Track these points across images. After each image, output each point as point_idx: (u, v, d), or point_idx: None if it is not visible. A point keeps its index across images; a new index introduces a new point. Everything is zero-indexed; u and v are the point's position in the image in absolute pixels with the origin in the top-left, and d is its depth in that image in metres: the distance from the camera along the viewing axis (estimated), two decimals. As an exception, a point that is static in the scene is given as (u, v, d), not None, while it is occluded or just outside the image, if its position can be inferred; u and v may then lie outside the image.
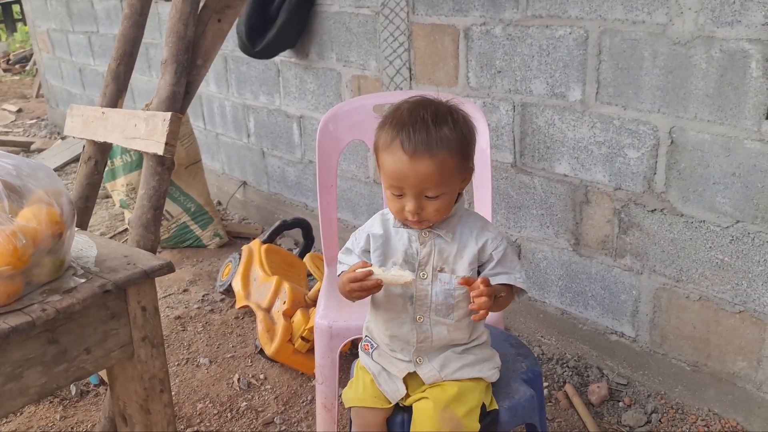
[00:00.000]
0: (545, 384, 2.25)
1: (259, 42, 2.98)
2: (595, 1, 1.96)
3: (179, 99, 1.79)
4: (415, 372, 1.31)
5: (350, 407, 1.34)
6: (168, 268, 1.11)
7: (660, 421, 2.04)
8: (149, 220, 1.74)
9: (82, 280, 1.03)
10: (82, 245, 1.17)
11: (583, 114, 2.09)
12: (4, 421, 2.17)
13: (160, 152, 1.66)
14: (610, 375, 2.25)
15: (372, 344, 1.36)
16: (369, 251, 1.31)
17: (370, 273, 1.21)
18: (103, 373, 1.56)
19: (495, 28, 2.24)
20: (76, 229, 1.28)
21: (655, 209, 2.00)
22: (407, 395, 1.32)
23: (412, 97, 1.28)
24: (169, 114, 1.67)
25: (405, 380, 1.32)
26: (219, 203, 4.08)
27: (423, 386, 1.31)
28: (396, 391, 1.31)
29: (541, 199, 2.29)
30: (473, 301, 1.18)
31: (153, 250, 1.76)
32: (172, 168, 1.79)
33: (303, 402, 2.22)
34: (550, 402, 2.18)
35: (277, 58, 3.21)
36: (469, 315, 1.25)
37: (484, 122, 1.92)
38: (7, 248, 0.90)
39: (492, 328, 1.59)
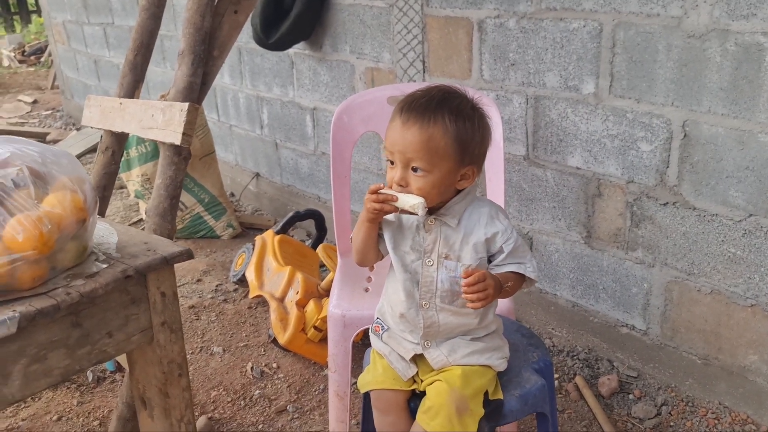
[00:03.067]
0: (555, 376, 2.27)
1: (274, 34, 3.00)
2: (610, -6, 1.96)
3: (196, 90, 1.82)
4: (423, 356, 1.33)
5: (369, 391, 1.36)
6: (187, 255, 1.13)
7: (670, 413, 2.05)
8: (166, 209, 1.77)
9: (105, 266, 1.05)
10: (103, 232, 1.19)
11: (596, 107, 2.09)
12: (22, 406, 2.22)
13: (178, 142, 1.68)
14: (620, 367, 2.26)
15: (383, 326, 1.38)
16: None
17: (392, 198, 1.22)
18: (121, 359, 1.59)
19: (509, 21, 2.24)
20: (97, 216, 1.31)
21: (667, 202, 2.00)
22: (419, 378, 1.34)
23: (445, 85, 1.29)
24: (186, 104, 1.69)
25: (415, 364, 1.34)
26: (232, 194, 4.11)
27: (433, 371, 1.33)
28: (407, 369, 1.33)
29: (553, 192, 2.30)
30: (463, 291, 1.19)
31: (169, 239, 1.79)
32: (189, 158, 1.81)
33: (315, 391, 2.25)
34: (560, 393, 2.19)
35: (290, 50, 3.23)
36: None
37: (498, 114, 1.92)
38: (33, 233, 0.93)
39: (504, 318, 1.60)
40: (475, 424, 1.26)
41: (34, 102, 7.23)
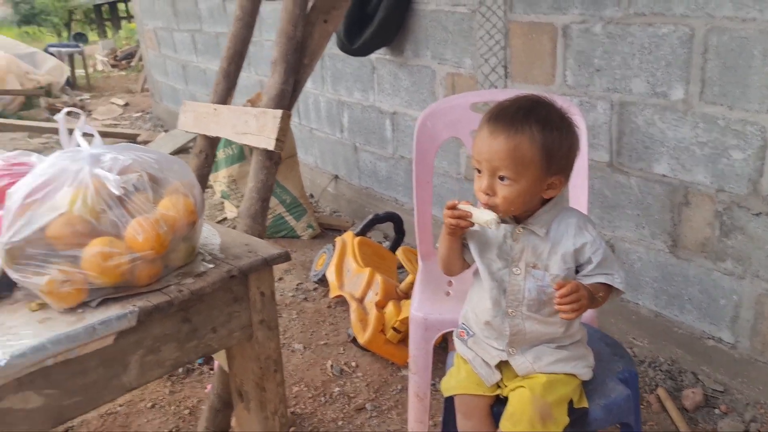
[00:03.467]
0: (637, 386, 2.23)
1: (357, 39, 3.07)
2: (702, -1, 1.92)
3: (287, 97, 1.89)
4: (508, 362, 1.34)
5: (452, 396, 1.39)
6: (285, 257, 1.19)
7: (759, 430, 1.98)
8: (257, 211, 1.85)
9: (211, 266, 1.13)
10: (207, 233, 1.27)
11: (685, 113, 2.05)
12: (119, 393, 2.36)
13: (271, 147, 1.76)
14: (705, 381, 2.20)
15: (468, 332, 1.41)
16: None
17: (466, 214, 1.25)
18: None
19: (595, 26, 2.22)
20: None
21: (760, 212, 1.94)
22: (503, 384, 1.35)
23: (533, 94, 1.31)
24: (280, 111, 1.77)
25: (499, 370, 1.36)
26: (311, 196, 4.22)
27: (517, 377, 1.35)
28: (491, 375, 1.35)
29: (637, 200, 2.26)
30: (557, 302, 1.20)
31: (261, 239, 1.87)
32: (279, 162, 1.89)
33: (393, 391, 2.30)
34: (641, 405, 2.15)
35: (372, 55, 3.29)
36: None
37: (583, 122, 1.91)
38: (152, 234, 1.01)
39: (587, 327, 1.60)
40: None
41: (126, 104, 7.61)
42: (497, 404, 1.36)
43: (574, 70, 2.34)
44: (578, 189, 1.94)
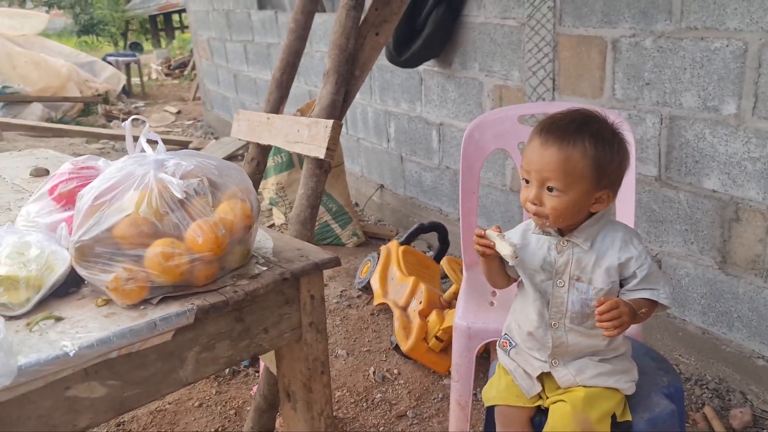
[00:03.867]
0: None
1: (406, 52, 3.12)
2: (757, 13, 1.90)
3: (338, 107, 1.94)
4: (550, 373, 1.35)
5: (493, 406, 1.40)
6: (335, 262, 1.23)
7: (810, 453, 1.93)
8: (306, 217, 1.90)
9: (264, 268, 1.17)
10: (260, 237, 1.32)
11: (737, 128, 2.02)
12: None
13: (322, 156, 1.81)
14: (754, 401, 2.15)
15: (511, 342, 1.42)
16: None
17: (491, 244, 1.29)
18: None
19: (645, 40, 2.22)
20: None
21: (814, 230, 1.90)
22: (544, 395, 1.36)
23: (586, 109, 1.33)
24: (331, 121, 1.82)
25: (541, 381, 1.37)
26: (356, 204, 4.28)
27: (559, 389, 1.35)
28: (531, 387, 1.36)
29: (686, 215, 2.24)
30: (597, 319, 1.20)
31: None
32: (329, 171, 1.94)
33: (434, 399, 2.31)
34: (687, 423, 2.12)
35: (420, 67, 3.33)
36: None
37: (631, 134, 1.90)
38: (210, 236, 1.06)
39: (632, 341, 1.60)
40: None
41: (178, 112, 7.82)
42: (538, 415, 1.37)
43: (623, 83, 2.33)
44: (625, 202, 1.93)
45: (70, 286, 1.12)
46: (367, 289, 2.91)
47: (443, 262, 2.64)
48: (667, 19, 2.13)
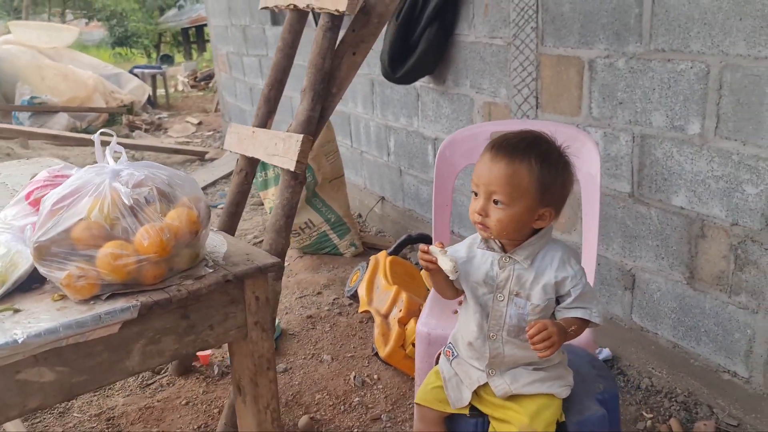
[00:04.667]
0: (649, 415, 2.25)
1: (400, 69, 3.23)
2: (718, 37, 1.97)
3: (314, 123, 2.05)
4: (486, 384, 1.43)
5: (415, 403, 1.50)
6: (279, 267, 1.34)
7: (767, 467, 1.97)
8: (281, 226, 2.01)
9: (210, 270, 1.28)
10: (217, 243, 1.43)
11: (701, 147, 2.08)
12: (159, 389, 2.56)
13: (292, 168, 1.92)
14: (720, 414, 2.19)
15: (453, 352, 1.51)
16: None
17: (434, 259, 1.37)
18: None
19: (618, 61, 2.29)
20: (218, 231, 1.57)
21: (771, 248, 1.95)
22: (482, 393, 1.44)
23: (537, 131, 1.40)
24: (301, 136, 1.93)
25: (477, 389, 1.44)
26: (359, 216, 4.38)
27: (495, 398, 1.43)
28: (459, 400, 1.44)
29: (656, 231, 2.30)
30: (532, 345, 1.27)
31: (283, 253, 2.03)
32: (304, 182, 2.04)
33: (410, 404, 2.39)
34: (651, 434, 2.18)
35: (417, 83, 3.44)
36: None
37: (596, 151, 1.96)
38: (156, 240, 1.17)
39: (577, 349, 1.67)
40: None
41: (199, 123, 8.04)
42: (473, 417, 1.45)
43: (599, 102, 2.40)
44: (590, 216, 2.00)
45: (33, 281, 1.24)
46: (355, 297, 3.01)
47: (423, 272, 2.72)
48: (637, 41, 2.21)
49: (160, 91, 10.23)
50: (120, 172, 1.23)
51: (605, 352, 2.55)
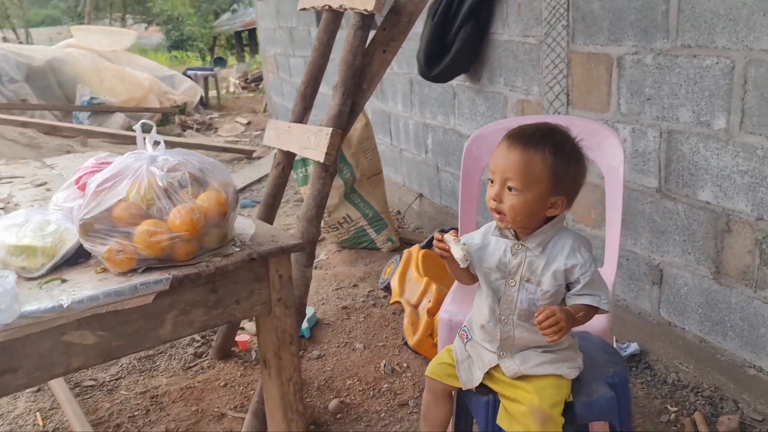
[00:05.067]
0: (674, 409, 2.27)
1: (435, 67, 3.31)
2: (742, 32, 1.98)
3: (344, 117, 2.15)
4: (497, 365, 1.50)
5: (426, 375, 1.58)
6: (300, 247, 1.44)
7: (789, 461, 1.97)
8: (312, 215, 2.12)
9: (237, 249, 1.39)
10: (246, 226, 1.54)
11: (726, 143, 2.10)
12: (200, 371, 2.70)
13: (321, 159, 2.02)
14: (745, 409, 2.20)
15: (468, 335, 1.58)
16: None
17: (447, 247, 1.44)
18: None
19: (646, 57, 2.32)
20: (247, 215, 1.68)
21: (795, 242, 1.95)
22: (493, 373, 1.51)
23: (553, 123, 1.46)
24: (330, 129, 2.03)
25: (489, 369, 1.51)
26: (398, 212, 4.47)
27: (506, 378, 1.49)
28: (471, 381, 1.51)
29: (683, 226, 2.31)
30: (539, 327, 1.33)
31: (314, 241, 2.13)
32: (334, 174, 2.14)
33: (437, 391, 2.47)
34: (675, 426, 2.19)
35: (453, 82, 3.51)
36: None
37: (619, 143, 2.00)
38: (187, 219, 1.29)
39: (592, 336, 1.72)
40: (558, 430, 1.41)
41: (248, 123, 8.26)
42: (485, 394, 1.52)
43: (627, 98, 2.43)
44: (613, 210, 2.04)
45: (80, 256, 1.37)
46: (388, 288, 3.10)
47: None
48: (664, 38, 2.23)
49: (212, 93, 10.55)
50: (156, 158, 1.35)
51: (633, 347, 2.57)
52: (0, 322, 1.08)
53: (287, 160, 2.57)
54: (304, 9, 2.55)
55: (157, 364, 2.81)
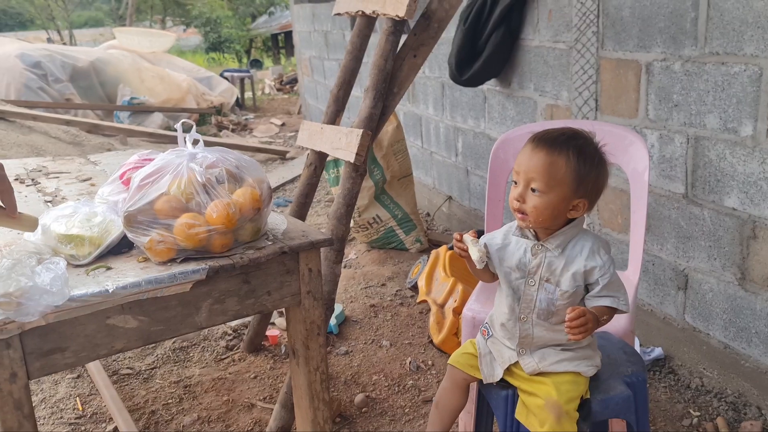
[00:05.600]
0: (696, 413, 2.28)
1: (467, 72, 3.36)
2: (771, 40, 2.00)
3: (375, 119, 2.22)
4: (517, 362, 1.55)
5: (448, 364, 1.63)
6: (329, 242, 1.51)
7: (811, 468, 1.98)
8: (342, 214, 2.19)
9: (270, 243, 1.47)
10: (278, 222, 1.62)
11: (753, 149, 2.11)
12: (231, 363, 2.80)
13: (352, 159, 2.09)
14: (768, 416, 2.21)
15: (489, 332, 1.63)
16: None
17: (465, 248, 1.51)
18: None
19: (674, 64, 2.34)
20: (279, 210, 1.76)
21: (821, 250, 1.96)
22: (513, 369, 1.56)
23: (577, 128, 1.51)
24: (361, 131, 2.10)
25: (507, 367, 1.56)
26: (428, 214, 4.53)
27: (524, 375, 1.54)
28: (492, 376, 1.56)
29: (709, 231, 2.33)
30: (566, 326, 1.37)
31: (344, 238, 2.20)
32: (364, 174, 2.21)
33: (460, 389, 2.52)
34: (697, 430, 2.21)
35: (484, 86, 3.55)
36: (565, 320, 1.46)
37: (644, 148, 2.02)
38: (223, 213, 1.37)
39: (612, 337, 1.76)
40: (573, 426, 1.45)
41: (282, 125, 8.40)
42: (504, 388, 1.57)
43: (655, 104, 2.46)
44: (638, 214, 2.07)
45: (123, 247, 1.46)
46: (415, 288, 3.16)
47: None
48: (693, 45, 2.26)
49: (248, 94, 10.74)
50: (196, 155, 1.44)
51: (657, 351, 2.59)
52: (52, 304, 1.17)
53: (319, 161, 2.65)
54: (338, 14, 2.63)
55: (191, 355, 2.91)
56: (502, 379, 1.58)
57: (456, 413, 1.67)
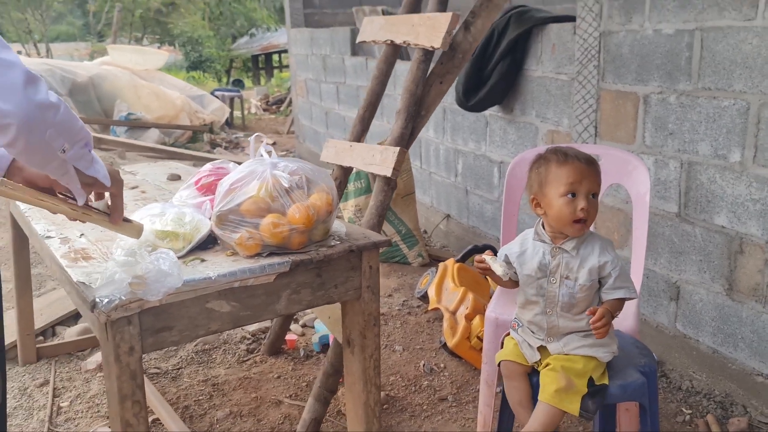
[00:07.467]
0: (688, 411, 2.53)
1: (473, 98, 3.62)
2: (757, 78, 2.29)
3: (406, 139, 2.45)
4: (545, 347, 1.78)
5: (500, 362, 1.84)
6: (387, 243, 1.72)
7: (792, 456, 2.23)
8: (374, 224, 2.41)
9: (338, 242, 1.68)
10: (338, 226, 1.83)
11: (741, 174, 2.39)
12: (254, 364, 2.97)
13: (389, 174, 2.32)
14: (753, 413, 2.46)
15: (519, 323, 1.86)
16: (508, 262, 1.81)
17: (487, 266, 1.75)
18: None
19: (670, 97, 2.62)
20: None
21: (801, 262, 2.23)
22: (542, 363, 1.78)
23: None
24: (398, 148, 2.33)
25: (539, 352, 1.79)
26: (425, 231, 4.76)
27: (550, 356, 1.77)
28: (532, 356, 1.79)
29: (700, 247, 2.60)
30: (591, 325, 1.62)
31: (374, 247, 2.42)
32: (395, 188, 2.44)
33: (473, 389, 2.73)
34: (689, 426, 2.45)
35: (486, 112, 3.82)
36: (585, 311, 1.69)
37: (646, 171, 2.28)
38: (304, 214, 1.58)
39: (625, 335, 1.99)
40: (578, 397, 1.68)
41: (273, 143, 8.59)
42: (533, 373, 1.79)
43: (651, 132, 2.73)
44: (639, 231, 2.32)
45: (208, 243, 1.66)
46: (424, 298, 3.37)
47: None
48: (687, 80, 2.54)
49: (237, 113, 10.92)
50: (277, 164, 1.65)
51: (650, 357, 2.84)
52: (173, 286, 1.36)
53: (344, 176, 2.86)
54: (363, 42, 2.87)
55: (213, 357, 3.07)
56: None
57: (529, 395, 1.80)
